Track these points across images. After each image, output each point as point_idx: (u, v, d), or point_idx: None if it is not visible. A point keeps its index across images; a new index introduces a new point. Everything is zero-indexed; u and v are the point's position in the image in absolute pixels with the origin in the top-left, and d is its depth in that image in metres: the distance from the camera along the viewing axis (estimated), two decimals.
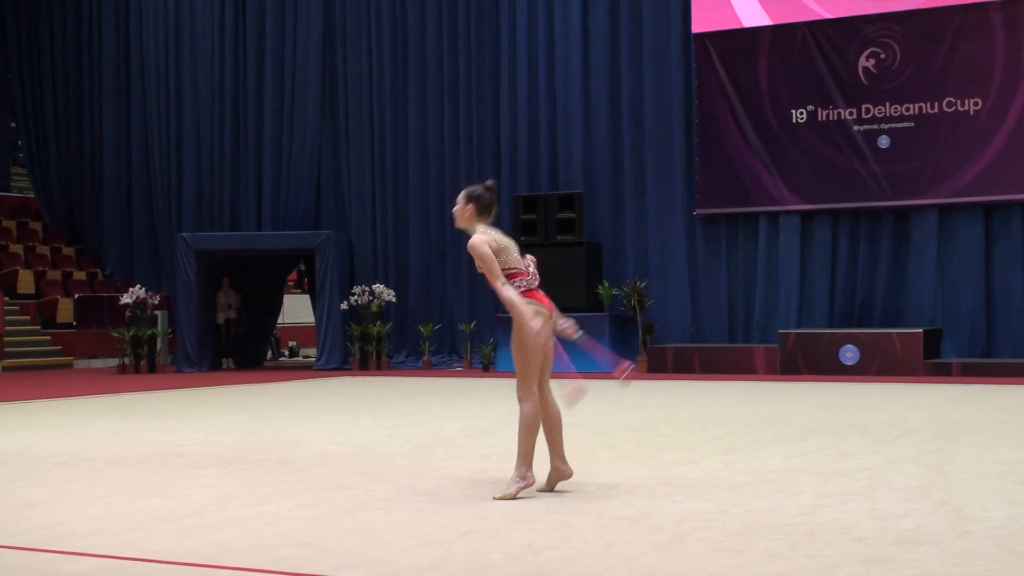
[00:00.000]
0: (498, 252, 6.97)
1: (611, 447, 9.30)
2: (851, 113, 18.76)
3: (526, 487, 6.89)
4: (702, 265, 19.95)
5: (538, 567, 5.07)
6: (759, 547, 5.38)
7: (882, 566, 4.99)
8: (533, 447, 6.99)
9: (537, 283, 7.13)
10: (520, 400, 7.06)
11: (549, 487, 7.12)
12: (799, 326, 18.84)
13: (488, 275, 6.97)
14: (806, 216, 19.16)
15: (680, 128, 20.04)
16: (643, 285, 19.51)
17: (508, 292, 6.90)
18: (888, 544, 5.41)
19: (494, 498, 6.82)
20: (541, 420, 7.11)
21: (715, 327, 19.82)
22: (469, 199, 7.17)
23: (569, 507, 6.48)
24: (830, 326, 18.73)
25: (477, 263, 7.05)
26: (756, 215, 19.48)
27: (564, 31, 20.85)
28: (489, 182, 7.36)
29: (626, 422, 11.28)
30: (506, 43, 21.36)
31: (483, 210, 7.14)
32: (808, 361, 17.95)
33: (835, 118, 18.89)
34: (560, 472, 7.14)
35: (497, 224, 7.39)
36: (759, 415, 11.82)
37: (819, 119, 19.00)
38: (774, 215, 19.36)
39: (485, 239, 6.97)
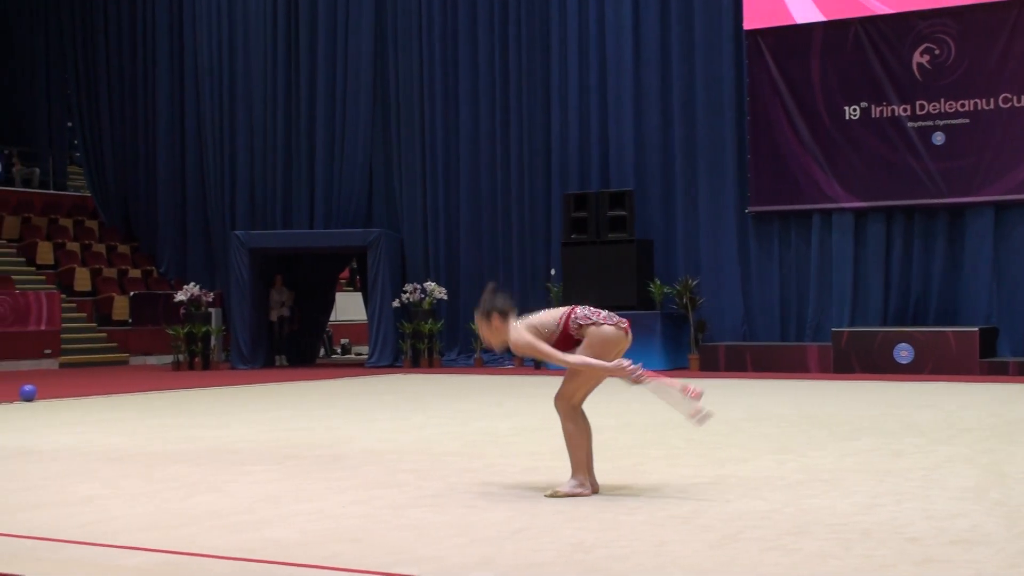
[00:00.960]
0: (540, 329, 6.79)
1: (663, 445, 9.25)
2: (905, 110, 18.57)
3: (581, 494, 6.79)
4: (754, 263, 19.82)
5: (588, 565, 5.05)
6: (812, 546, 5.33)
7: (937, 566, 4.93)
8: (585, 456, 6.93)
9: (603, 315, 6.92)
10: (564, 416, 7.04)
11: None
12: (852, 324, 18.68)
13: (546, 359, 6.81)
14: (860, 214, 18.99)
15: (732, 125, 19.92)
16: (695, 283, 19.42)
17: (575, 359, 6.76)
18: (943, 544, 5.35)
19: (545, 495, 6.81)
20: (585, 431, 7.05)
21: (767, 325, 19.69)
22: (489, 315, 6.79)
23: (621, 505, 6.45)
24: (884, 324, 18.55)
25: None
26: (809, 213, 19.33)
27: (615, 28, 20.79)
28: (490, 285, 7.06)
29: (678, 420, 11.21)
30: (556, 41, 21.33)
31: (507, 314, 6.80)
32: (862, 360, 17.79)
33: (889, 115, 18.70)
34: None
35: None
36: (812, 414, 11.72)
37: (873, 116, 18.82)
38: (827, 213, 19.20)
39: (518, 331, 6.73)
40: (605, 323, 6.87)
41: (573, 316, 6.83)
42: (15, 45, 29.21)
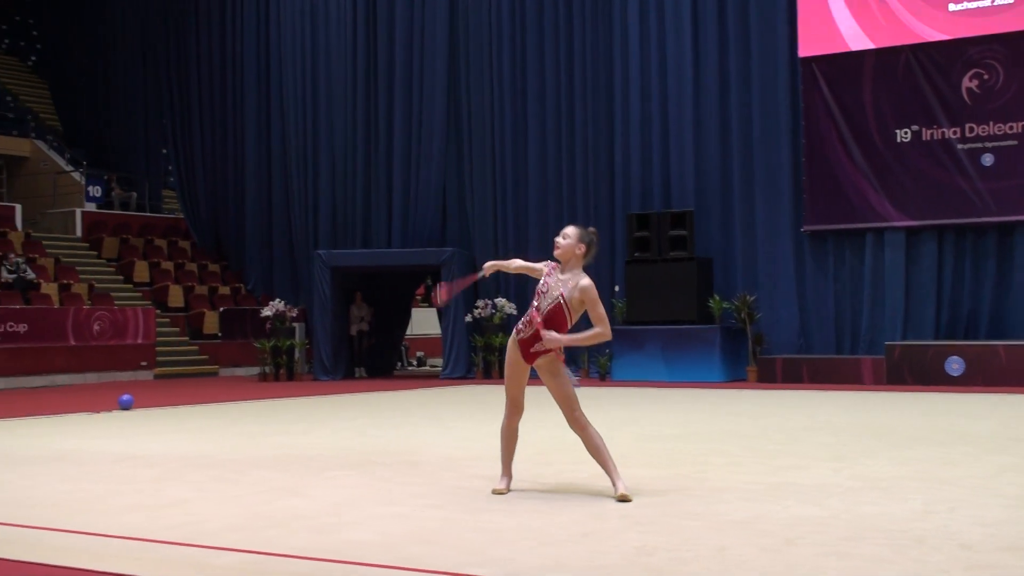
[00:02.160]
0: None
1: (724, 453, 9.17)
2: (955, 132, 18.33)
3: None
4: (810, 279, 19.65)
5: (652, 568, 5.01)
6: (868, 552, 5.25)
7: (989, 572, 4.83)
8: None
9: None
10: (585, 425, 7.10)
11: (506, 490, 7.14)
12: (905, 338, 18.44)
13: (595, 316, 6.89)
14: (911, 232, 18.76)
15: (787, 148, 19.78)
16: (752, 299, 19.29)
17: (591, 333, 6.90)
18: (995, 551, 5.25)
19: (618, 499, 6.76)
20: (511, 433, 7.24)
21: (823, 339, 19.50)
22: (585, 243, 7.08)
23: (683, 511, 6.39)
24: (936, 338, 18.29)
25: (575, 300, 7.00)
26: (862, 231, 19.12)
27: (676, 56, 20.73)
28: (592, 229, 7.28)
29: (738, 430, 11.12)
30: (619, 69, 21.31)
31: (588, 255, 7.09)
32: (914, 372, 17.55)
33: (939, 137, 18.47)
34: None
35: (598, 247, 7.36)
36: (866, 424, 11.58)
37: (923, 138, 18.60)
38: (880, 231, 18.99)
39: (590, 282, 6.94)
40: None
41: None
42: (114, 78, 29.68)
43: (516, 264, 7.58)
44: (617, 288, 20.82)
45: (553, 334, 7.01)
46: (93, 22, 30.45)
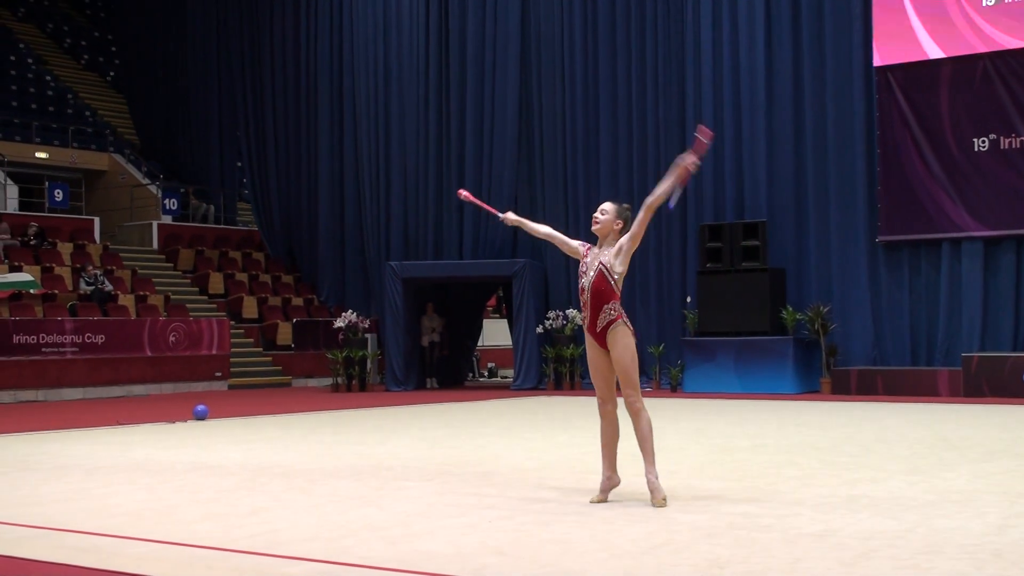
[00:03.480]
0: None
1: (797, 465, 9.10)
2: None
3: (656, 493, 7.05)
4: (885, 290, 19.41)
5: None
6: (944, 566, 5.18)
7: None
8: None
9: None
10: (640, 409, 7.17)
11: (605, 497, 7.22)
12: (983, 349, 18.15)
13: (639, 228, 7.33)
14: (989, 242, 18.47)
15: (862, 157, 19.58)
16: (826, 310, 19.10)
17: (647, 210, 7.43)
18: None
19: (658, 506, 6.89)
20: (614, 432, 7.35)
21: (898, 350, 19.25)
22: (623, 219, 7.46)
23: (755, 523, 6.35)
24: (1015, 350, 17.98)
25: (616, 265, 7.34)
26: (939, 241, 18.87)
27: (749, 65, 20.61)
28: (627, 205, 7.71)
29: (812, 442, 11.03)
30: (692, 77, 21.22)
31: (625, 230, 7.39)
32: (992, 384, 17.26)
33: (1017, 146, 18.18)
34: (613, 481, 7.30)
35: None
36: (943, 436, 11.42)
37: (1001, 147, 18.32)
38: (957, 241, 18.73)
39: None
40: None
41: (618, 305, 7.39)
42: (190, 92, 30.10)
43: (544, 230, 7.96)
44: (689, 299, 20.72)
45: (511, 215, 8.07)
46: (170, 38, 30.93)
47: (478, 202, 8.33)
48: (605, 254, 7.35)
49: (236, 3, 28.56)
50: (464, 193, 8.38)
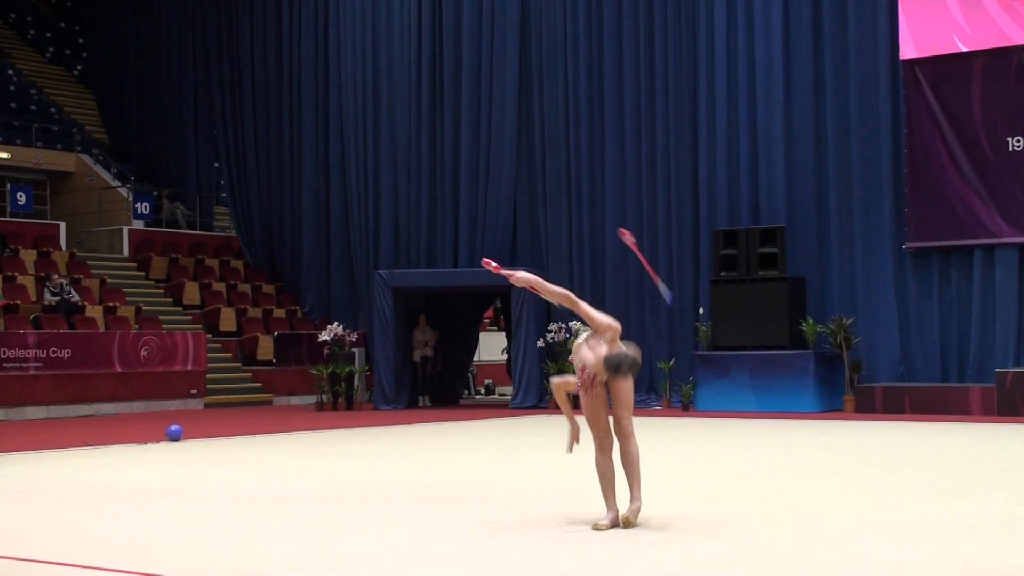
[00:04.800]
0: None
1: (818, 490, 9.11)
2: None
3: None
4: (912, 301, 19.42)
5: None
6: None
7: None
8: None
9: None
10: (630, 435, 7.38)
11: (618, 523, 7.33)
12: (1018, 365, 18.16)
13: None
14: None
15: (888, 158, 19.60)
16: (849, 322, 19.11)
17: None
18: None
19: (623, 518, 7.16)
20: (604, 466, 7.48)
21: (926, 366, 19.25)
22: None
23: (775, 552, 6.36)
24: None
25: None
26: (970, 248, 18.88)
27: (765, 59, 20.63)
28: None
29: (834, 464, 11.04)
30: (704, 73, 21.24)
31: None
32: None
33: None
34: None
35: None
36: (975, 458, 11.43)
37: None
38: (990, 248, 18.74)
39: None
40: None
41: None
42: (164, 88, 30.12)
43: (559, 294, 7.78)
44: (702, 310, 20.72)
45: (524, 274, 7.95)
46: (142, 30, 30.94)
47: (640, 256, 8.42)
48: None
49: None
50: (628, 237, 8.21)
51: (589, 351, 7.31)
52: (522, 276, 7.88)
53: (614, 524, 7.26)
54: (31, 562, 6.47)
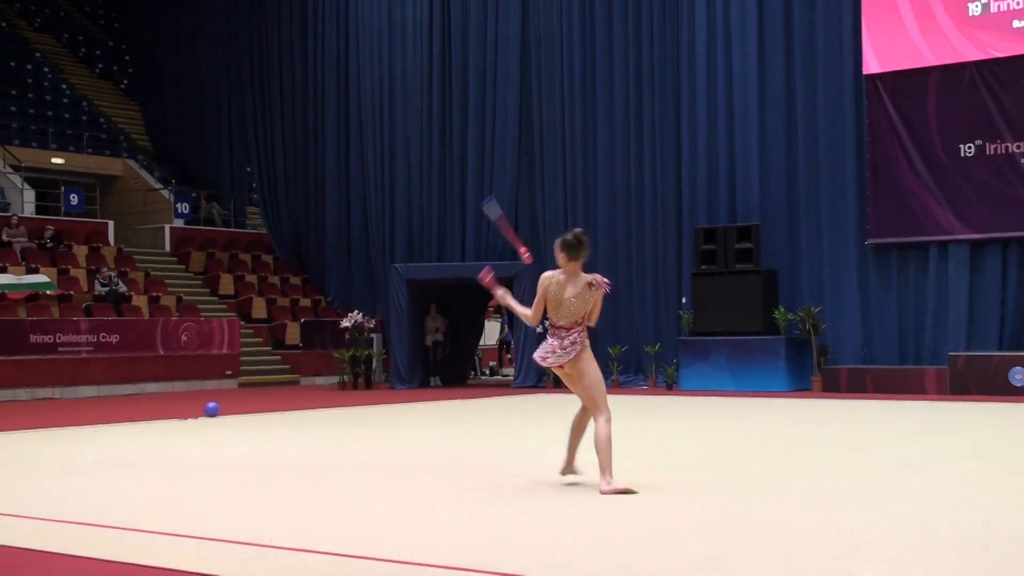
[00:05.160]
0: (548, 298, 7.50)
1: (790, 462, 9.09)
2: (1018, 147, 18.01)
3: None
4: (874, 291, 19.39)
5: (722, 573, 4.97)
6: (933, 558, 5.17)
7: None
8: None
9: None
10: (608, 420, 7.39)
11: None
12: (968, 349, 18.13)
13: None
14: (975, 245, 18.44)
15: (852, 162, 19.55)
16: (817, 310, 19.08)
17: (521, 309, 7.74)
18: None
19: (601, 492, 7.18)
20: (581, 424, 7.79)
21: (886, 350, 19.23)
22: (561, 248, 7.56)
23: (752, 518, 6.33)
24: (1000, 349, 17.97)
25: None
26: (926, 244, 18.84)
27: (742, 72, 20.59)
28: (579, 229, 7.77)
29: (804, 438, 11.01)
30: (686, 84, 21.20)
31: (571, 256, 7.52)
32: (978, 383, 17.25)
33: (1003, 151, 18.16)
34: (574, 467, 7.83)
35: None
36: (931, 433, 11.40)
37: (987, 152, 18.29)
38: (944, 244, 18.70)
39: (545, 278, 7.54)
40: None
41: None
42: (202, 99, 30.10)
43: (520, 312, 7.84)
44: (684, 300, 20.71)
45: (502, 291, 7.88)
46: (181, 47, 30.91)
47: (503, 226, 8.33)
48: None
49: (244, 12, 28.54)
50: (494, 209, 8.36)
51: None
52: (499, 294, 7.89)
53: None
54: (82, 525, 6.45)
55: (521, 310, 7.67)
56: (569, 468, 7.84)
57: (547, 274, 7.51)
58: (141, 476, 8.74)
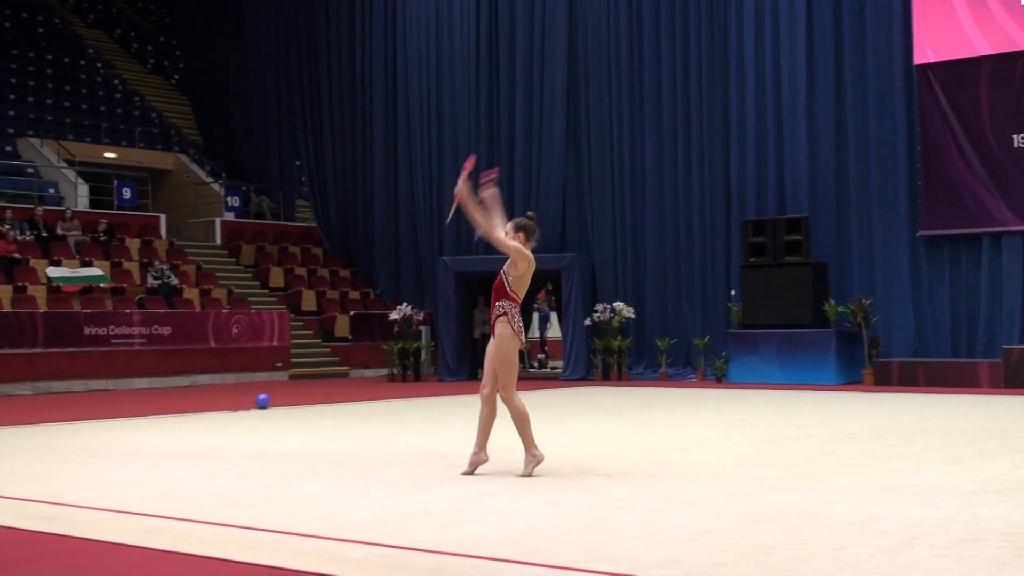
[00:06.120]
0: (525, 273, 7.98)
1: (840, 455, 9.02)
2: None
3: (538, 463, 7.87)
4: (925, 283, 19.20)
5: (769, 566, 4.95)
6: (985, 554, 5.12)
7: None
8: (531, 433, 7.93)
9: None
10: (508, 401, 7.90)
11: (472, 470, 8.02)
12: (1023, 342, 17.90)
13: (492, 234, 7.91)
14: None
15: (903, 153, 19.36)
16: (868, 303, 18.92)
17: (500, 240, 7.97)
18: None
19: (519, 475, 7.74)
20: (490, 414, 8.07)
21: (939, 342, 19.04)
22: (518, 229, 8.02)
23: (800, 510, 6.30)
24: None
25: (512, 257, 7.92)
26: (979, 236, 18.63)
27: (790, 63, 20.44)
28: (530, 213, 8.22)
29: (854, 431, 10.93)
30: (735, 76, 21.08)
31: (529, 237, 8.01)
32: None
33: None
34: (481, 458, 8.10)
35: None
36: (983, 427, 11.28)
37: None
38: (997, 236, 18.48)
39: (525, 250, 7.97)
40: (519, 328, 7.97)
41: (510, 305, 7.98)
42: (251, 94, 30.29)
43: (479, 223, 8.16)
44: (733, 292, 20.61)
45: (461, 185, 8.12)
46: (230, 42, 31.10)
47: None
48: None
49: (293, 6, 28.69)
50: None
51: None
52: (460, 187, 8.11)
53: (474, 464, 8.07)
54: (136, 515, 6.53)
55: (497, 236, 7.95)
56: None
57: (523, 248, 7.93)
58: (193, 467, 8.82)
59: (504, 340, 7.91)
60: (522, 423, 7.90)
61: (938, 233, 18.96)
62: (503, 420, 8.16)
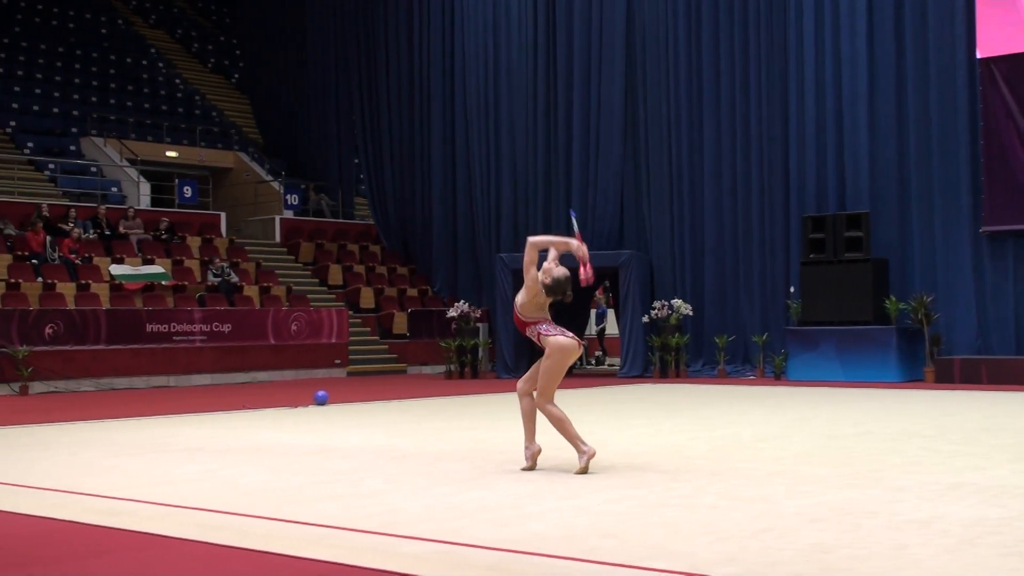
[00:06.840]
0: (536, 295, 8.45)
1: (901, 453, 8.93)
2: None
3: (590, 457, 7.87)
4: (989, 280, 18.93)
5: (829, 565, 4.91)
6: None
7: None
8: (575, 431, 7.97)
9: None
10: (542, 407, 7.98)
11: (532, 464, 8.16)
12: None
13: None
14: None
15: (965, 148, 19.10)
16: (930, 299, 18.69)
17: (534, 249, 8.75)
18: None
19: (575, 472, 7.75)
20: (529, 404, 8.12)
21: (1002, 340, 18.76)
22: (550, 284, 8.77)
23: (860, 509, 6.25)
24: None
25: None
26: None
27: (851, 57, 20.22)
28: (570, 293, 8.87)
29: (916, 429, 10.82)
30: (794, 70, 20.88)
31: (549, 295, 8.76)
32: None
33: None
34: (536, 449, 8.20)
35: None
36: None
37: None
38: None
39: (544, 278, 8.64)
40: (561, 335, 8.17)
41: (537, 326, 8.27)
42: (311, 93, 30.53)
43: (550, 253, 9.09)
44: (793, 289, 20.45)
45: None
46: (290, 42, 31.39)
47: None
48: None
49: (352, 6, 28.87)
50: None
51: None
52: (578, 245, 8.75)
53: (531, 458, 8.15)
54: (196, 510, 6.61)
55: (532, 266, 8.70)
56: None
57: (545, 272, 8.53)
58: (253, 463, 8.91)
59: (555, 349, 8.00)
60: (562, 426, 7.93)
61: (1001, 229, 18.69)
62: (547, 422, 8.15)
